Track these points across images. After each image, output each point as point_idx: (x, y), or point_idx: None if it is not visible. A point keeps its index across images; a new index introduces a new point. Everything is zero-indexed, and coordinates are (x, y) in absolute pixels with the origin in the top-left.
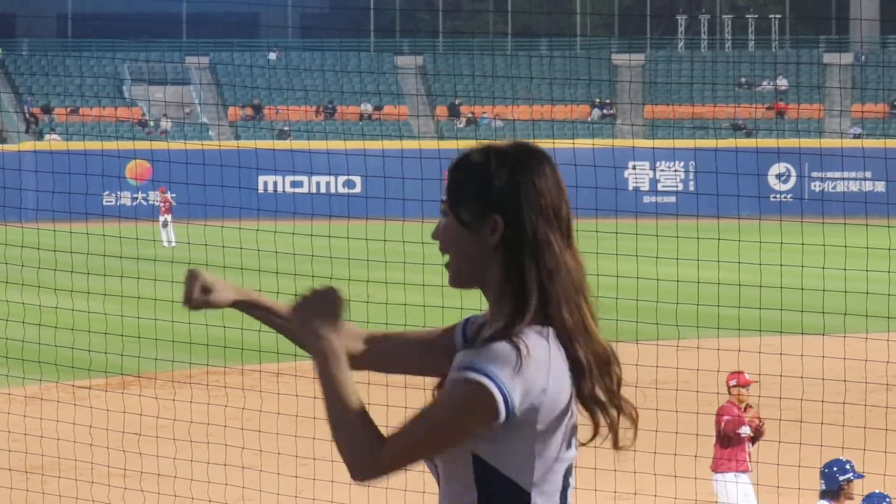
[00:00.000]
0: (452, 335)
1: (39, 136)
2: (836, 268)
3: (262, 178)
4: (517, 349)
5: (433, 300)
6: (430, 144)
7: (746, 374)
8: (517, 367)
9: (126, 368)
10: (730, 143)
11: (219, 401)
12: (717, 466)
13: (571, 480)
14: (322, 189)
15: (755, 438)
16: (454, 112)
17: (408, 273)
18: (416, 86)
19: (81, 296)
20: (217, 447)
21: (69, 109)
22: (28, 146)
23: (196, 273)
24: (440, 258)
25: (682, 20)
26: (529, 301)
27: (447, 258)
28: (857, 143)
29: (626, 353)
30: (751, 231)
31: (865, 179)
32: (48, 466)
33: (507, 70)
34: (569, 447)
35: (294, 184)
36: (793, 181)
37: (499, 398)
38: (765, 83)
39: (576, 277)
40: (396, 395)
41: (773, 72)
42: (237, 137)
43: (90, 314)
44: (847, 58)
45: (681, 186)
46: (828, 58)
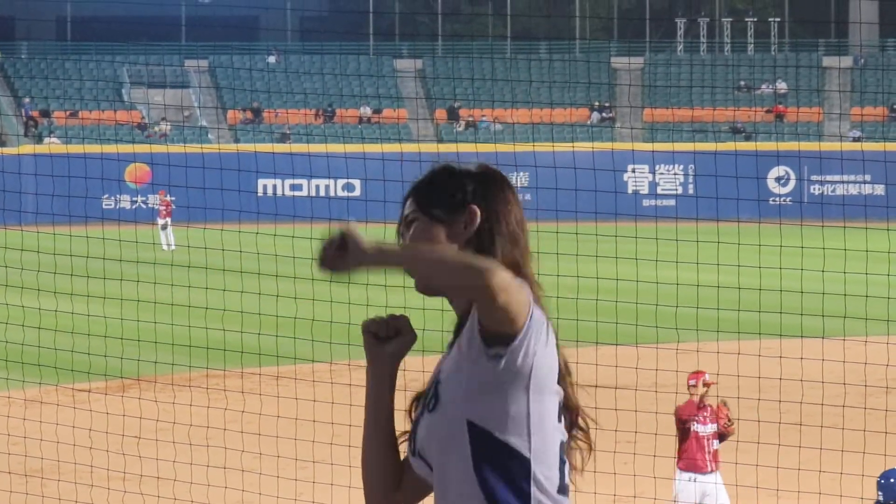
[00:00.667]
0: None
1: (39, 140)
2: (836, 271)
3: (262, 182)
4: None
5: (432, 303)
6: (430, 148)
7: (707, 375)
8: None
9: (126, 372)
10: (729, 147)
11: (218, 404)
12: (677, 464)
13: (565, 458)
14: (321, 192)
15: (722, 437)
16: (453, 115)
17: (407, 277)
18: (416, 89)
19: (81, 299)
20: (216, 450)
21: (68, 113)
22: (27, 149)
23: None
24: None
25: (682, 23)
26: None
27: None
28: (857, 147)
29: (626, 357)
30: (750, 234)
31: (865, 183)
32: (48, 470)
33: (507, 73)
34: (560, 420)
35: (293, 187)
36: (792, 184)
37: (531, 301)
38: (764, 86)
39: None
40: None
41: (773, 75)
42: (236, 141)
43: (90, 317)
44: (846, 61)
45: (680, 190)
46: (827, 61)
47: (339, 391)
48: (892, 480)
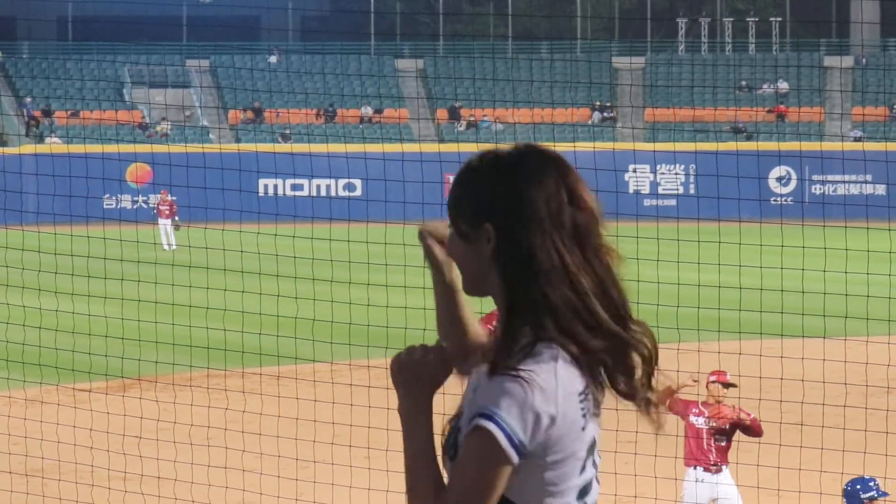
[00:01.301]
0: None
1: (40, 139)
2: (837, 271)
3: (263, 181)
4: (519, 384)
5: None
6: (431, 147)
7: (728, 375)
8: (523, 404)
9: (126, 371)
10: (730, 147)
11: (219, 404)
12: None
13: (589, 498)
14: (322, 192)
15: (724, 435)
16: (455, 115)
17: (409, 276)
18: (417, 89)
19: (82, 299)
20: (217, 450)
21: (69, 112)
22: (28, 149)
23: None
24: None
25: (683, 23)
26: (526, 314)
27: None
28: (858, 147)
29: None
30: (751, 234)
31: (866, 182)
32: (48, 469)
33: (508, 73)
34: (583, 471)
35: (295, 187)
36: (793, 184)
37: (505, 443)
38: (765, 86)
39: (586, 281)
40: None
41: (774, 75)
42: (238, 140)
43: (91, 317)
44: (847, 61)
45: (681, 189)
46: (828, 61)
47: (340, 391)
48: (858, 487)
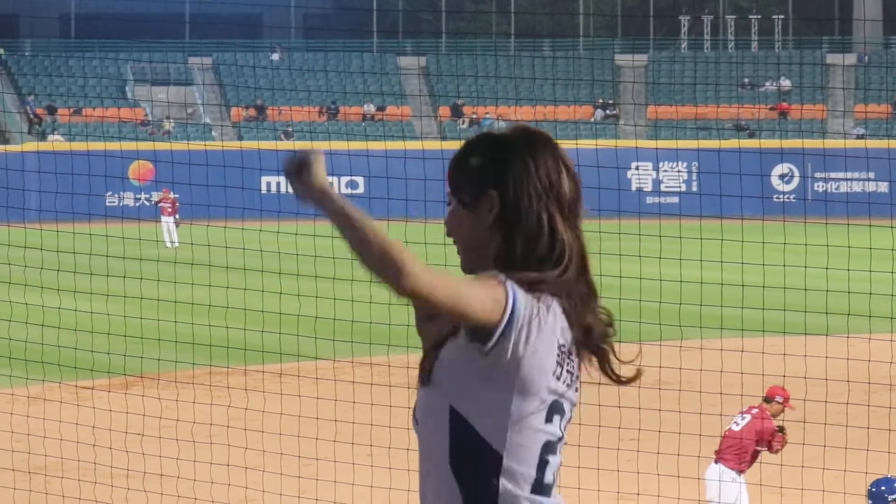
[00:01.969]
0: None
1: (42, 137)
2: (840, 268)
3: (265, 179)
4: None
5: None
6: (433, 145)
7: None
8: (526, 297)
9: (129, 369)
10: (733, 144)
11: (222, 401)
12: (723, 459)
13: (552, 458)
14: None
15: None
16: (457, 113)
17: None
18: (419, 86)
19: (84, 296)
20: (220, 448)
21: (72, 110)
22: (31, 147)
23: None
24: (443, 258)
25: (685, 21)
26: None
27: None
28: (861, 144)
29: (629, 354)
30: (754, 231)
31: (869, 180)
32: (51, 467)
33: (510, 71)
34: (549, 421)
35: None
36: (796, 182)
37: (510, 293)
38: (768, 84)
39: (576, 247)
40: (399, 397)
41: (777, 72)
42: (240, 138)
43: (93, 315)
44: (850, 58)
45: (684, 187)
46: (831, 58)
47: (342, 388)
48: (883, 488)
